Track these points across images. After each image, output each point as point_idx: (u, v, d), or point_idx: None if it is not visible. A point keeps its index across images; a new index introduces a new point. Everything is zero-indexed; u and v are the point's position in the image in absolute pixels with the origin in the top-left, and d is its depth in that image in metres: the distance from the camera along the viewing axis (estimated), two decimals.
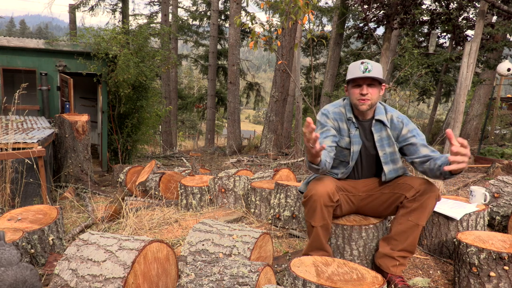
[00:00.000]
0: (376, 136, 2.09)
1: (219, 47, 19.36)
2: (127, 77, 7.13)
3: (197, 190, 3.61)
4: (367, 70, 1.97)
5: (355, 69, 2.01)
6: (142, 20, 18.68)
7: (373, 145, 2.11)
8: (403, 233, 1.95)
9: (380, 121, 2.09)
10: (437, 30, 9.99)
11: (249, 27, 4.94)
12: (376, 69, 1.99)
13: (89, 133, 5.72)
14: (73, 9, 14.76)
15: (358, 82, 2.01)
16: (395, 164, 2.11)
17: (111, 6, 16.92)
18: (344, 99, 2.18)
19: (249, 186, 3.50)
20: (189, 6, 20.97)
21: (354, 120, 2.10)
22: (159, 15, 18.42)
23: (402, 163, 2.14)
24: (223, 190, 3.53)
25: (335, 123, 2.11)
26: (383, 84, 2.06)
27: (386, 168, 2.10)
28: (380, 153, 2.09)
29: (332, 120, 2.11)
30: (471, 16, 9.30)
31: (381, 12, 9.43)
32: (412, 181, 2.00)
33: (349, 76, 2.03)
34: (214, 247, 2.03)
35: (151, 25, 16.51)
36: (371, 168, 2.18)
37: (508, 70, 6.88)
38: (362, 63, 2.00)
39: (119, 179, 5.24)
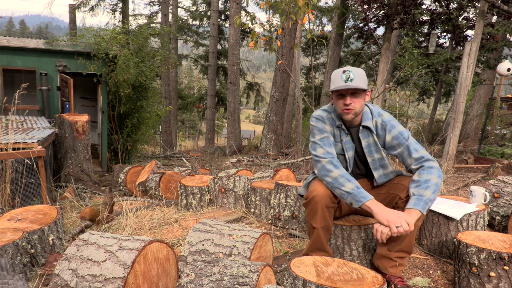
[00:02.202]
0: (363, 143, 2.08)
1: (219, 47, 19.37)
2: (127, 77, 7.14)
3: (197, 190, 3.61)
4: (349, 79, 1.92)
5: (337, 79, 1.96)
6: (142, 20, 18.69)
7: (362, 151, 2.10)
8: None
9: (367, 128, 2.07)
10: (437, 30, 9.98)
11: (249, 27, 4.93)
12: (358, 77, 1.93)
13: (89, 133, 5.72)
14: (73, 9, 14.75)
15: (341, 92, 1.97)
16: (385, 169, 2.10)
17: (111, 6, 16.92)
18: (333, 104, 2.14)
19: (249, 186, 3.50)
20: (189, 6, 20.97)
21: (343, 127, 2.08)
22: (159, 15, 18.42)
23: (392, 167, 2.14)
24: (223, 190, 3.53)
25: (331, 129, 2.09)
26: (368, 90, 2.01)
27: (376, 174, 2.10)
28: (369, 159, 2.09)
29: (329, 125, 2.08)
30: (471, 16, 9.30)
31: (381, 12, 9.43)
32: (406, 181, 2.00)
33: (332, 86, 1.98)
34: (214, 247, 2.04)
35: (151, 25, 16.51)
36: (366, 171, 2.19)
37: (508, 70, 6.88)
38: (344, 71, 1.94)
39: (119, 179, 5.24)
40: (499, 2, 6.35)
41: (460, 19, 8.90)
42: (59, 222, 2.51)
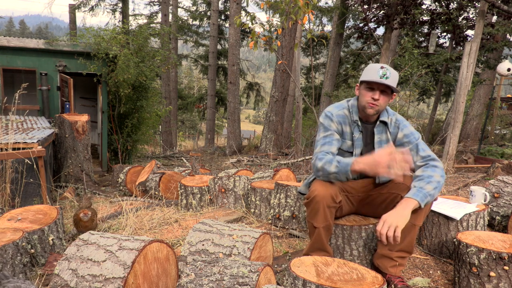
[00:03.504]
0: (376, 138, 2.09)
1: (219, 47, 19.36)
2: (127, 77, 7.13)
3: (197, 190, 3.61)
4: (385, 76, 1.94)
5: (373, 72, 1.97)
6: (142, 20, 18.68)
7: (373, 147, 2.11)
8: (400, 233, 1.95)
9: (384, 123, 2.09)
10: (437, 30, 9.99)
11: (249, 27, 4.93)
12: (393, 77, 1.97)
13: (89, 133, 5.72)
14: (73, 9, 14.75)
15: (372, 85, 1.99)
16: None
17: (111, 6, 16.92)
18: (348, 101, 2.15)
19: (249, 186, 3.50)
20: (189, 6, 20.98)
21: (359, 123, 2.08)
22: (159, 15, 18.41)
23: None
24: (223, 190, 3.53)
25: (339, 126, 2.08)
26: (394, 93, 2.05)
27: None
28: None
29: (336, 123, 2.08)
30: (471, 16, 9.30)
31: (381, 12, 9.43)
32: (408, 180, 2.00)
33: (365, 77, 1.99)
34: (214, 247, 2.03)
35: (151, 25, 16.52)
36: None
37: (508, 70, 6.88)
38: (382, 67, 1.96)
39: (119, 179, 5.24)
40: (499, 2, 6.35)
41: (460, 19, 8.90)
42: (59, 222, 2.51)
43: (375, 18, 9.51)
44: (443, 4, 9.12)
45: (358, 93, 2.09)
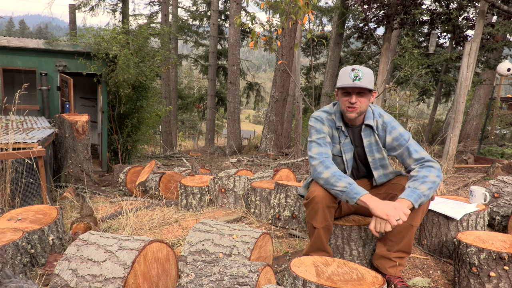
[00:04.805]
0: (365, 142, 2.08)
1: (219, 47, 19.36)
2: (127, 77, 7.13)
3: (197, 190, 3.61)
4: (357, 78, 1.92)
5: (345, 76, 1.96)
6: (142, 20, 18.68)
7: (363, 150, 2.10)
8: (398, 234, 1.94)
9: (369, 126, 2.07)
10: (437, 30, 9.99)
11: (249, 27, 4.93)
12: (366, 77, 1.93)
13: (89, 133, 5.72)
14: (73, 9, 14.74)
15: (347, 90, 1.97)
16: (385, 169, 2.11)
17: (111, 6, 16.93)
18: (334, 105, 2.14)
19: (249, 186, 3.50)
20: (189, 6, 20.97)
21: (343, 128, 2.08)
22: (159, 15, 18.41)
23: (392, 167, 2.14)
24: (223, 190, 3.53)
25: (330, 130, 2.09)
26: (374, 91, 2.02)
27: (376, 174, 2.10)
28: (369, 159, 2.09)
29: (328, 127, 2.08)
30: (471, 16, 9.30)
31: (381, 12, 9.43)
32: (405, 181, 2.01)
33: (339, 83, 1.98)
34: (214, 247, 2.03)
35: (151, 25, 16.49)
36: (365, 171, 2.19)
37: (508, 70, 6.88)
38: (352, 70, 1.93)
39: (119, 179, 5.24)
40: (499, 2, 6.35)
41: (460, 19, 8.90)
42: (59, 222, 2.51)
43: (375, 18, 9.51)
44: (443, 4, 9.12)
45: (337, 99, 2.08)
